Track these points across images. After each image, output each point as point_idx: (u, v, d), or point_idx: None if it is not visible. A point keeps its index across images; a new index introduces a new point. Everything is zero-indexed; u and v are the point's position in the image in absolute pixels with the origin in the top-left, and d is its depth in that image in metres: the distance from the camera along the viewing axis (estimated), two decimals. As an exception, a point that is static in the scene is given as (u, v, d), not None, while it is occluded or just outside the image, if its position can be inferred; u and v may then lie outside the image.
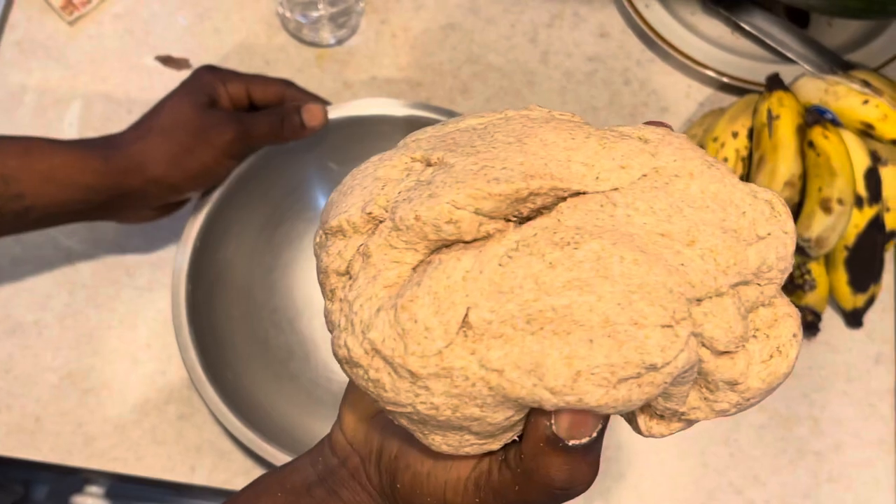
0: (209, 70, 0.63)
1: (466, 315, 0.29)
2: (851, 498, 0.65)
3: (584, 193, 0.31)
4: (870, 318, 0.68)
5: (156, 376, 0.68)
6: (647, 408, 0.33)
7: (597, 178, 0.31)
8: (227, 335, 0.66)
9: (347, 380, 0.36)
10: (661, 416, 0.33)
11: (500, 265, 0.29)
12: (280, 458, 0.59)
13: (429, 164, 0.32)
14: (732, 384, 0.31)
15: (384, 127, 0.68)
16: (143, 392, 0.67)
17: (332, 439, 0.38)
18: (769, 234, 0.31)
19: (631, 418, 0.34)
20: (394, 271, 0.31)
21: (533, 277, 0.29)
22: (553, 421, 0.30)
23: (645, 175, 0.31)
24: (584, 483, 0.31)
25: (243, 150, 0.63)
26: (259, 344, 0.68)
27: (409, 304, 0.29)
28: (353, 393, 0.38)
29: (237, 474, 0.65)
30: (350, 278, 0.31)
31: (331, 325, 0.32)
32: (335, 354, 0.31)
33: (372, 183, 0.32)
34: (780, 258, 0.31)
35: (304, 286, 0.71)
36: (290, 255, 0.71)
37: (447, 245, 0.30)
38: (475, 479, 0.33)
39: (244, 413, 0.60)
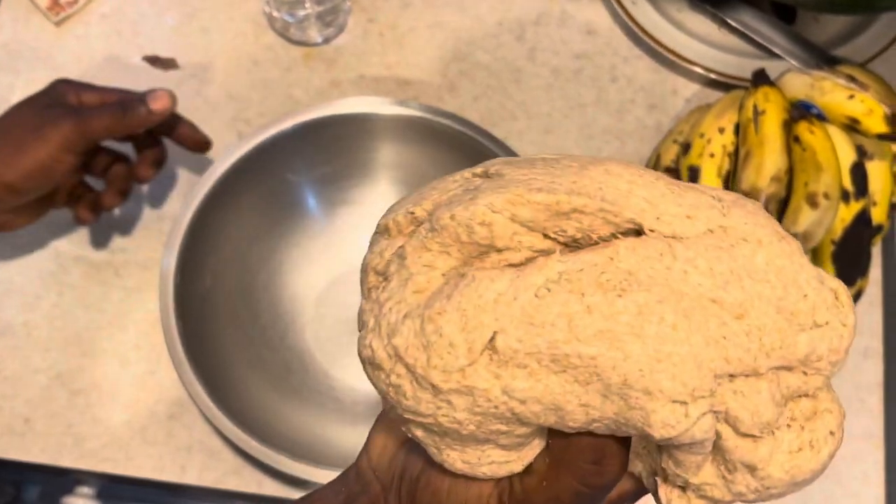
0: (64, 81, 0.63)
1: (493, 338, 0.28)
2: (841, 492, 0.66)
3: (643, 234, 0.29)
4: (857, 312, 0.68)
5: (145, 377, 0.67)
6: (664, 476, 0.32)
7: (658, 217, 0.29)
8: (216, 333, 0.66)
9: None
10: (682, 488, 0.32)
11: (536, 296, 0.28)
12: (271, 456, 0.59)
13: (486, 177, 0.31)
14: (752, 468, 0.30)
15: (372, 125, 0.68)
16: (133, 392, 0.67)
17: (357, 466, 0.38)
18: (827, 322, 0.30)
19: (652, 487, 0.33)
20: (424, 276, 0.30)
21: (567, 317, 0.28)
22: None
23: (711, 231, 0.29)
24: (614, 461, 0.30)
25: (83, 144, 0.61)
26: (250, 345, 0.68)
27: (436, 317, 0.28)
28: (385, 420, 0.37)
29: (227, 473, 0.65)
30: (385, 279, 0.31)
31: (361, 325, 0.31)
32: (359, 354, 0.31)
33: (428, 190, 0.32)
34: (833, 350, 0.30)
35: (287, 299, 0.71)
36: (272, 265, 0.71)
37: (482, 255, 0.30)
38: (498, 494, 0.32)
39: (234, 412, 0.60)
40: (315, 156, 0.69)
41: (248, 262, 0.70)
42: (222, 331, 0.67)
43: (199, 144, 0.67)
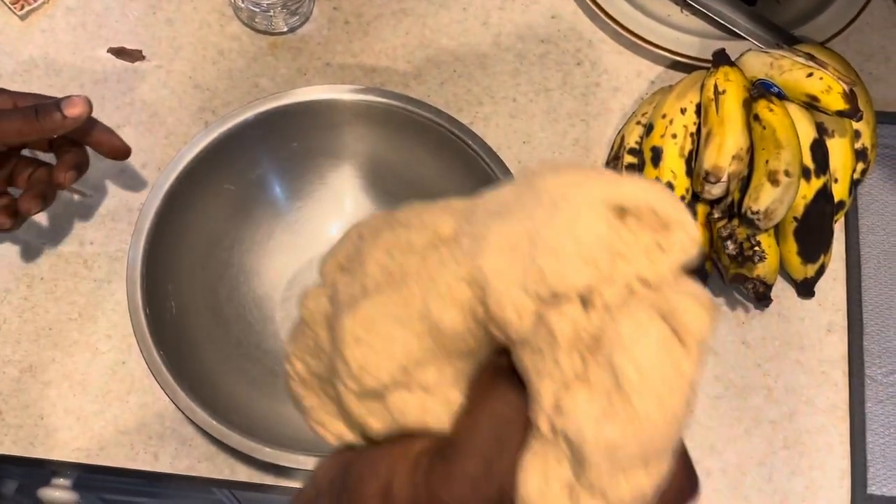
0: None
1: None
2: (806, 463, 0.67)
3: None
4: (821, 287, 0.69)
5: (116, 366, 0.68)
6: None
7: None
8: (185, 322, 0.66)
9: None
10: None
11: None
12: (242, 443, 0.59)
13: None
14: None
15: (338, 113, 0.68)
16: (104, 382, 0.67)
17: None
18: None
19: None
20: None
21: None
22: None
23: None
24: None
25: None
26: (219, 328, 0.68)
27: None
28: None
29: (200, 460, 0.66)
30: None
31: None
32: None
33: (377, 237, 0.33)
34: None
35: (252, 302, 0.71)
36: (236, 263, 0.71)
37: None
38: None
39: (205, 399, 0.61)
40: (280, 144, 0.69)
41: (216, 253, 0.70)
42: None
43: (116, 151, 0.65)
